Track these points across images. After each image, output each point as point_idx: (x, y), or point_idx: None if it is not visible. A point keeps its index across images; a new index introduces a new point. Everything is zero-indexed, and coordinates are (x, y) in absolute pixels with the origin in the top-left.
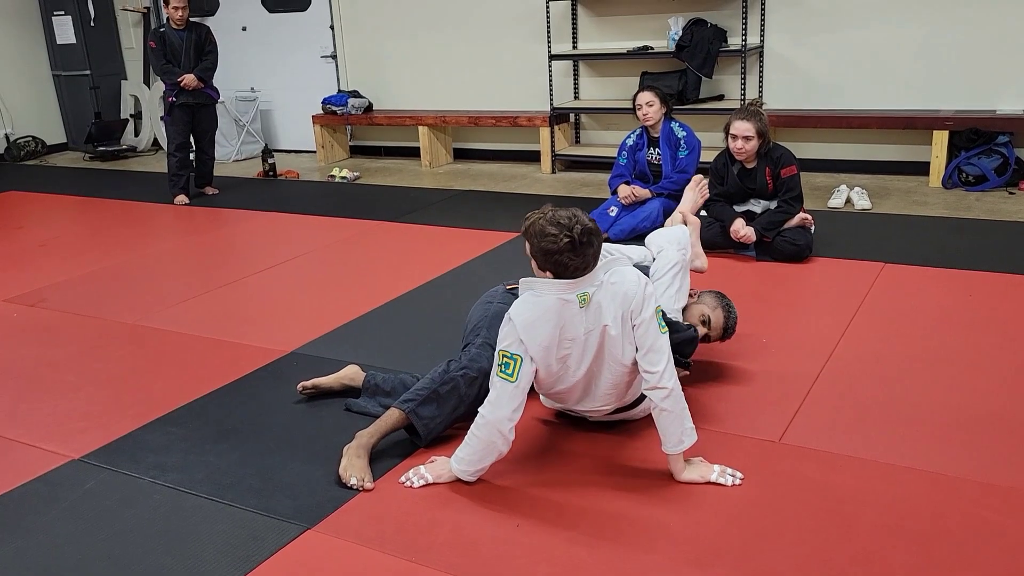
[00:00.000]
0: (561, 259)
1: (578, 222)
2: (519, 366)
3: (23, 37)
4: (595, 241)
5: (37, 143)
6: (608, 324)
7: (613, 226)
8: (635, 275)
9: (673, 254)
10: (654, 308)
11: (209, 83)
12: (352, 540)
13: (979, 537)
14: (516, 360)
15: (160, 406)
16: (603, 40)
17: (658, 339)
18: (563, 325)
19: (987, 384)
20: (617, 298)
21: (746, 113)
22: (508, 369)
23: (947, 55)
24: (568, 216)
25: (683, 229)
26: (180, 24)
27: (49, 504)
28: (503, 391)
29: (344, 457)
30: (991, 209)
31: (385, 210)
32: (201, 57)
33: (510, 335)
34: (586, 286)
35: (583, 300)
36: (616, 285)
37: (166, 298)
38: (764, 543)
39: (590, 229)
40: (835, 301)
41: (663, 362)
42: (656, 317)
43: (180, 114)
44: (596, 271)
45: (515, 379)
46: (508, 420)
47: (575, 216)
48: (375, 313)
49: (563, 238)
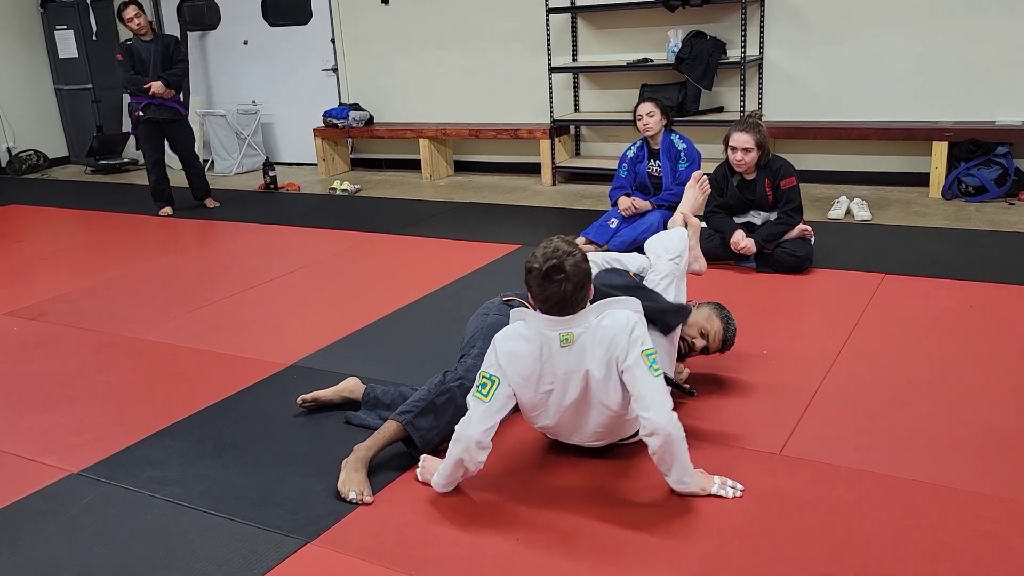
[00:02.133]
0: (530, 286)
1: (555, 256)
2: (495, 388)
3: (25, 51)
4: (561, 279)
5: (39, 157)
6: (591, 368)
7: (613, 238)
8: (624, 319)
9: (665, 264)
10: (640, 352)
11: (178, 93)
12: (352, 554)
13: (981, 549)
14: (493, 382)
15: (159, 419)
16: (603, 52)
17: (648, 384)
18: (545, 360)
19: (989, 395)
20: (604, 342)
21: (745, 125)
22: (484, 390)
23: (946, 66)
24: (554, 249)
25: (681, 233)
26: (145, 34)
27: (47, 518)
28: (475, 410)
29: (342, 471)
30: (991, 220)
31: (386, 222)
32: (171, 68)
33: (491, 359)
34: (572, 326)
35: (565, 340)
36: (604, 329)
37: (166, 311)
38: (765, 556)
39: (559, 267)
40: (835, 312)
41: (654, 407)
42: (645, 361)
43: (148, 129)
44: (586, 313)
45: (488, 399)
46: (477, 440)
47: (559, 250)
48: (375, 325)
49: (533, 264)
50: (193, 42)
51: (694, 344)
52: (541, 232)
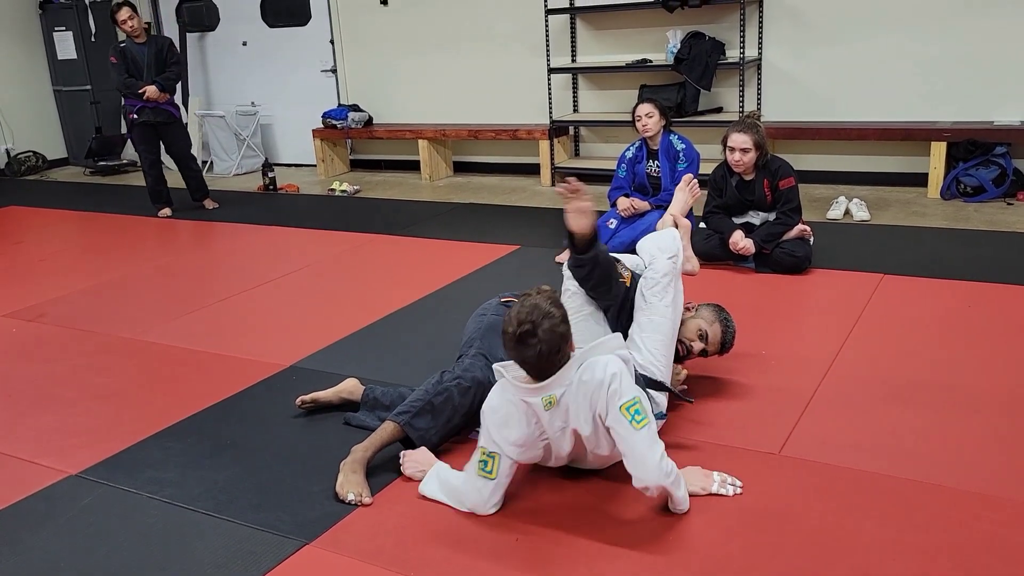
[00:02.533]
0: (505, 347)
1: (529, 320)
2: (497, 464)
3: (24, 53)
4: (535, 343)
5: (38, 158)
6: (578, 426)
7: (612, 239)
8: (602, 372)
9: (663, 263)
10: (619, 408)
11: (172, 96)
12: (351, 555)
13: (980, 550)
14: (493, 458)
15: (158, 421)
16: (602, 53)
17: (630, 440)
18: (535, 423)
19: (988, 395)
20: (587, 399)
21: (743, 125)
22: (487, 467)
23: (945, 67)
24: (529, 310)
25: (673, 233)
26: (138, 36)
27: (46, 520)
28: (485, 487)
29: (340, 473)
30: (989, 220)
31: (385, 223)
32: (164, 70)
33: (485, 435)
34: (553, 388)
35: (548, 403)
36: (585, 385)
37: (165, 312)
38: (764, 556)
39: (531, 332)
40: (834, 312)
41: (642, 464)
42: (626, 415)
43: (143, 132)
44: (568, 369)
45: (494, 476)
46: (488, 511)
47: (535, 312)
48: (374, 326)
49: (507, 328)
50: (192, 43)
51: (692, 347)
52: (540, 233)
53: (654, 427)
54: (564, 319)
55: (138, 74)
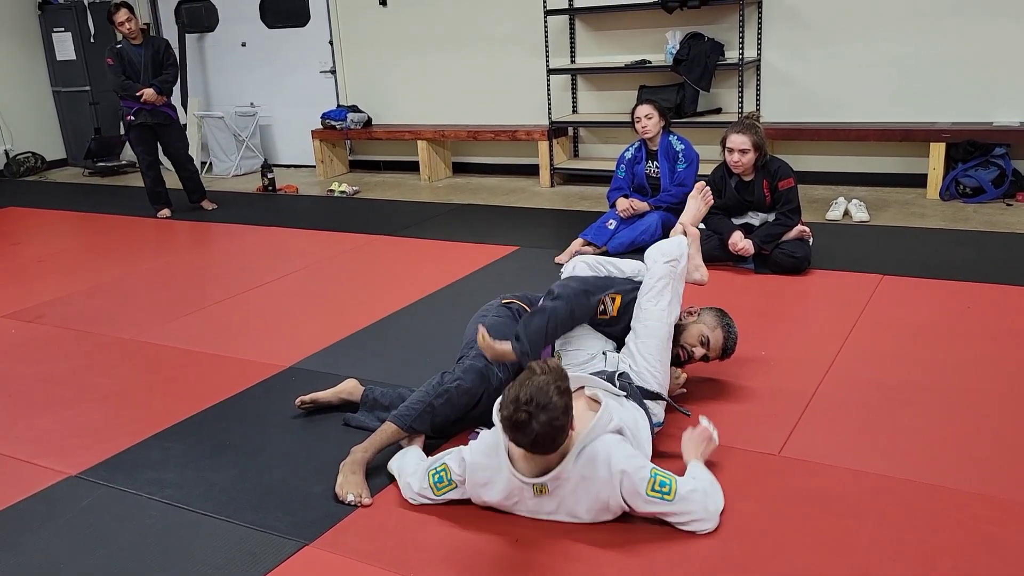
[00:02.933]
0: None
1: (526, 409)
2: (448, 490)
3: (23, 53)
4: (530, 432)
5: (36, 159)
6: (576, 513)
7: (612, 239)
8: (606, 468)
9: (660, 268)
10: (645, 494)
11: (168, 98)
12: (350, 556)
13: (980, 550)
14: (450, 485)
15: (157, 422)
16: (601, 54)
17: (672, 507)
18: (516, 499)
19: (987, 396)
20: (589, 493)
21: (742, 126)
22: (440, 485)
23: (944, 68)
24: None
25: (680, 240)
26: (135, 38)
27: (46, 521)
28: (424, 490)
29: (340, 474)
30: (989, 221)
31: (384, 224)
32: (160, 72)
33: (457, 466)
34: (547, 479)
35: (539, 491)
36: (588, 480)
37: (164, 313)
38: (763, 556)
39: (527, 423)
40: (834, 313)
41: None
42: (655, 495)
43: (140, 133)
44: (564, 463)
45: (438, 495)
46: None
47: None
48: (374, 327)
49: (503, 412)
50: (191, 44)
51: (693, 352)
52: (540, 234)
53: (678, 481)
54: (567, 409)
55: (135, 76)
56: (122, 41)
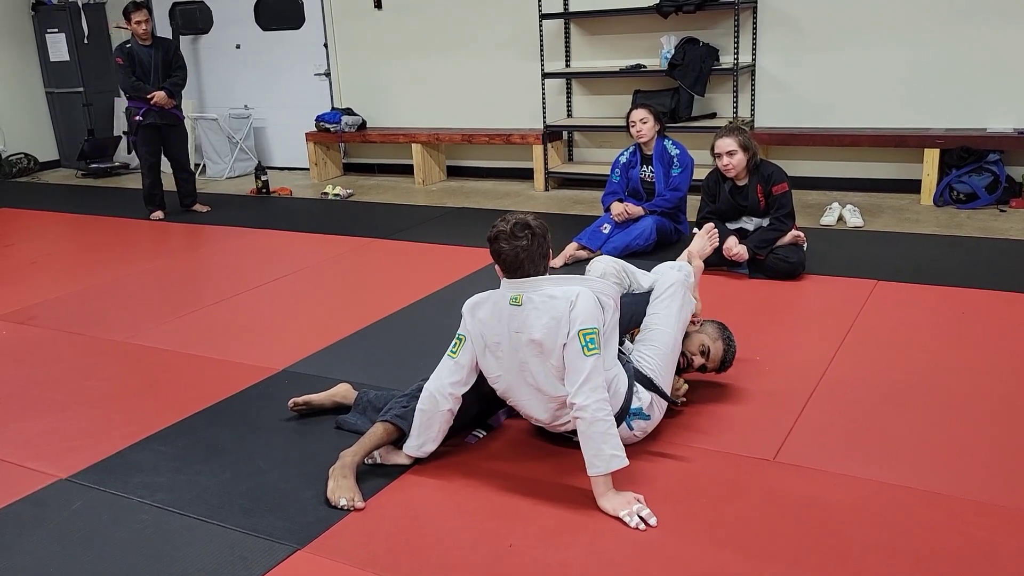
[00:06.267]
0: (497, 247)
1: (522, 219)
2: (462, 345)
3: (16, 54)
4: (528, 236)
5: (29, 160)
6: (534, 336)
7: (606, 243)
8: (575, 295)
9: (672, 275)
10: (578, 331)
11: (177, 101)
12: (342, 561)
13: (974, 556)
14: (461, 340)
15: (149, 425)
16: (596, 58)
17: (577, 361)
18: (498, 318)
19: (981, 402)
20: (548, 312)
21: (726, 130)
22: (454, 348)
23: (937, 74)
24: (520, 216)
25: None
26: (146, 39)
27: (36, 524)
28: (445, 365)
29: (330, 479)
30: (982, 227)
31: (378, 227)
32: (170, 74)
33: (463, 318)
34: (524, 289)
35: (514, 300)
36: (555, 301)
37: (157, 316)
38: (758, 562)
39: (527, 224)
40: (828, 319)
41: (579, 386)
42: (580, 340)
43: (148, 134)
44: (543, 280)
45: (456, 355)
46: (444, 390)
47: (525, 216)
48: (367, 331)
49: (501, 226)
50: (185, 46)
51: (693, 361)
52: None
53: (600, 360)
54: (544, 235)
55: (144, 76)
56: (131, 41)
